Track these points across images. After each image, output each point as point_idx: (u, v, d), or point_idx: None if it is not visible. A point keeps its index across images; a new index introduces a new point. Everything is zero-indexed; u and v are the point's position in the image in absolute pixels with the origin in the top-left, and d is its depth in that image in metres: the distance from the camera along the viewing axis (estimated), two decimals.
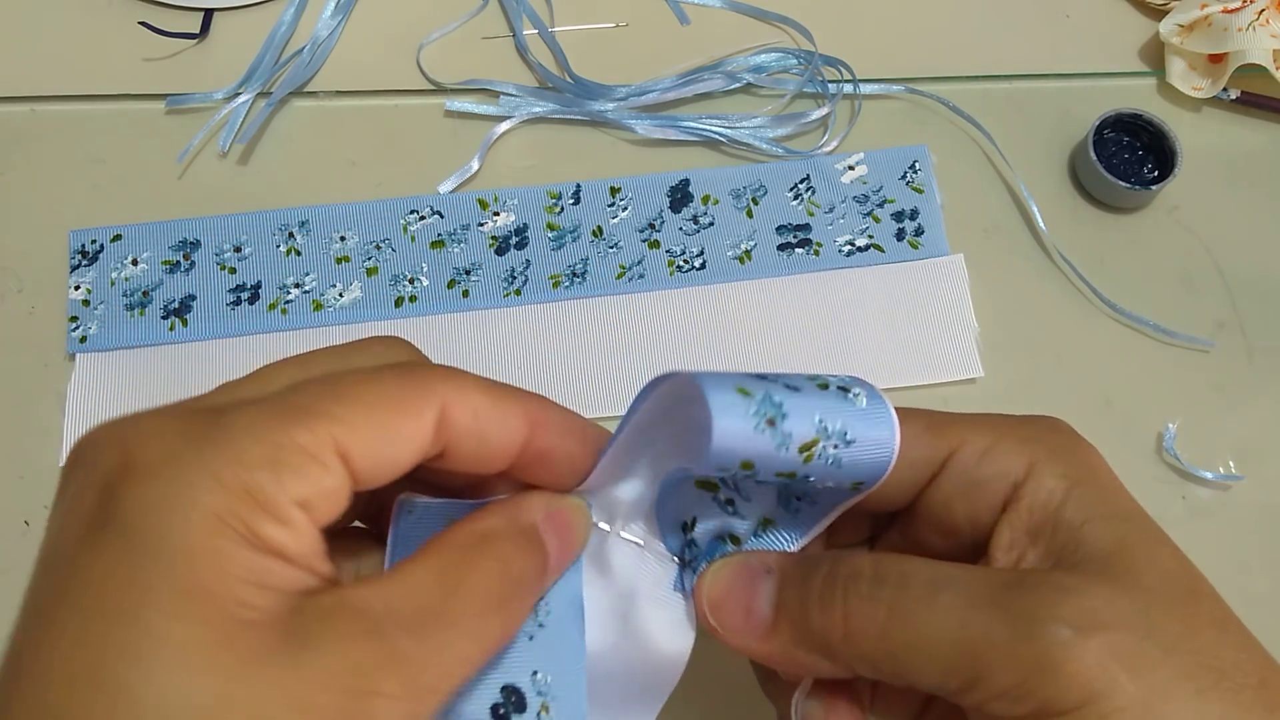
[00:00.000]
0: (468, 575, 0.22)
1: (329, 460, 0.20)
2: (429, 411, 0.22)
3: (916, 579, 0.23)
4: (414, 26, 0.56)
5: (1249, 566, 0.48)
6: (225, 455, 0.19)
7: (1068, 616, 0.21)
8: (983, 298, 0.51)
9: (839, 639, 0.24)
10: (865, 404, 0.24)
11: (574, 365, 0.49)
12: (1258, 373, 0.51)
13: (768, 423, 0.22)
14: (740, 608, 0.25)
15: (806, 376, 0.24)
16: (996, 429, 0.26)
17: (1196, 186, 0.53)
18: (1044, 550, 0.24)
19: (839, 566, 0.24)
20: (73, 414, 0.48)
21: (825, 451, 0.23)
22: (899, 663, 0.23)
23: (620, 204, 0.52)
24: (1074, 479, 0.25)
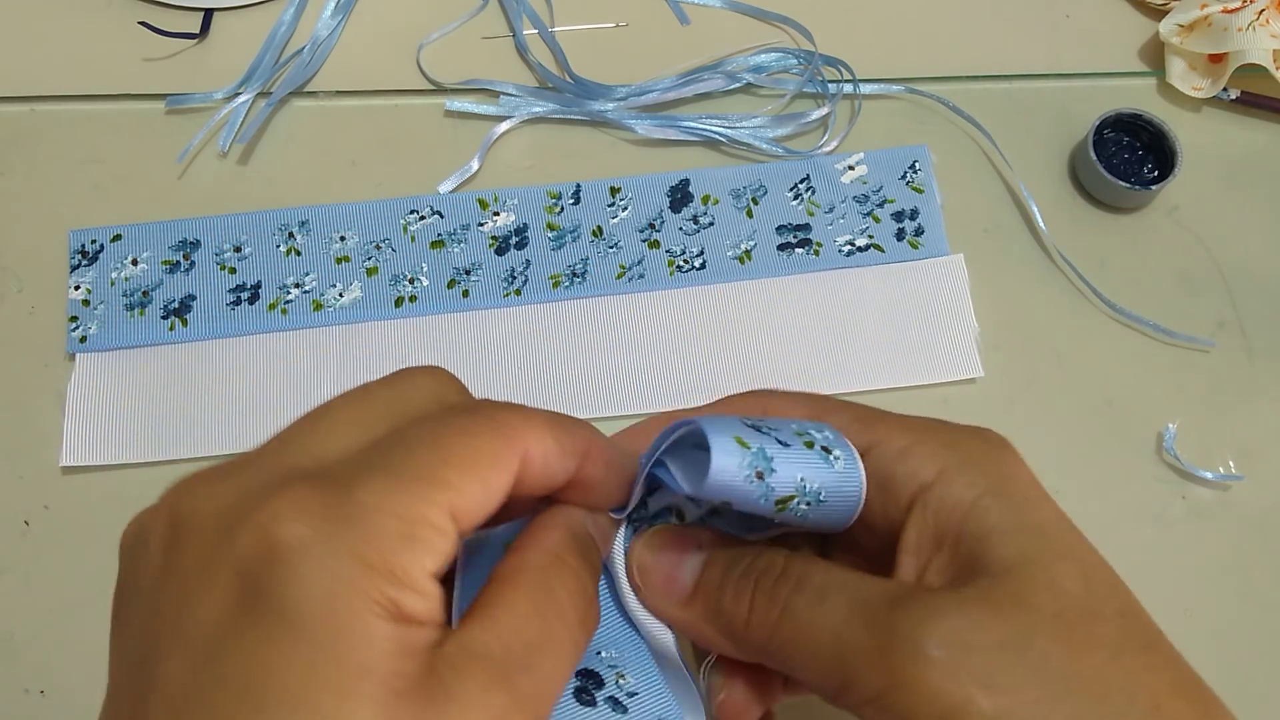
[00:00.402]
0: (556, 598, 0.23)
1: (448, 528, 0.21)
2: (514, 462, 0.23)
3: (811, 582, 0.25)
4: (414, 26, 0.56)
5: (1249, 566, 0.48)
6: (364, 535, 0.20)
7: (933, 635, 0.22)
8: (983, 298, 0.51)
9: (740, 626, 0.25)
10: (842, 467, 0.25)
11: (574, 365, 0.49)
12: (1258, 373, 0.51)
13: (757, 475, 0.24)
14: (663, 573, 0.27)
15: (796, 430, 0.26)
16: (918, 431, 0.27)
17: (1196, 186, 0.53)
18: (948, 558, 0.25)
19: (758, 560, 0.26)
20: (73, 414, 0.48)
21: (798, 508, 0.25)
22: (785, 658, 0.25)
23: (620, 204, 0.52)
24: (982, 489, 0.25)
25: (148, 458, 0.48)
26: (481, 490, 0.22)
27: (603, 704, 0.25)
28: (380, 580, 0.20)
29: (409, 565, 0.20)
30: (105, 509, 0.47)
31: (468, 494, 0.21)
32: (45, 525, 0.47)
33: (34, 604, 0.45)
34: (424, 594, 0.20)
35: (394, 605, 0.20)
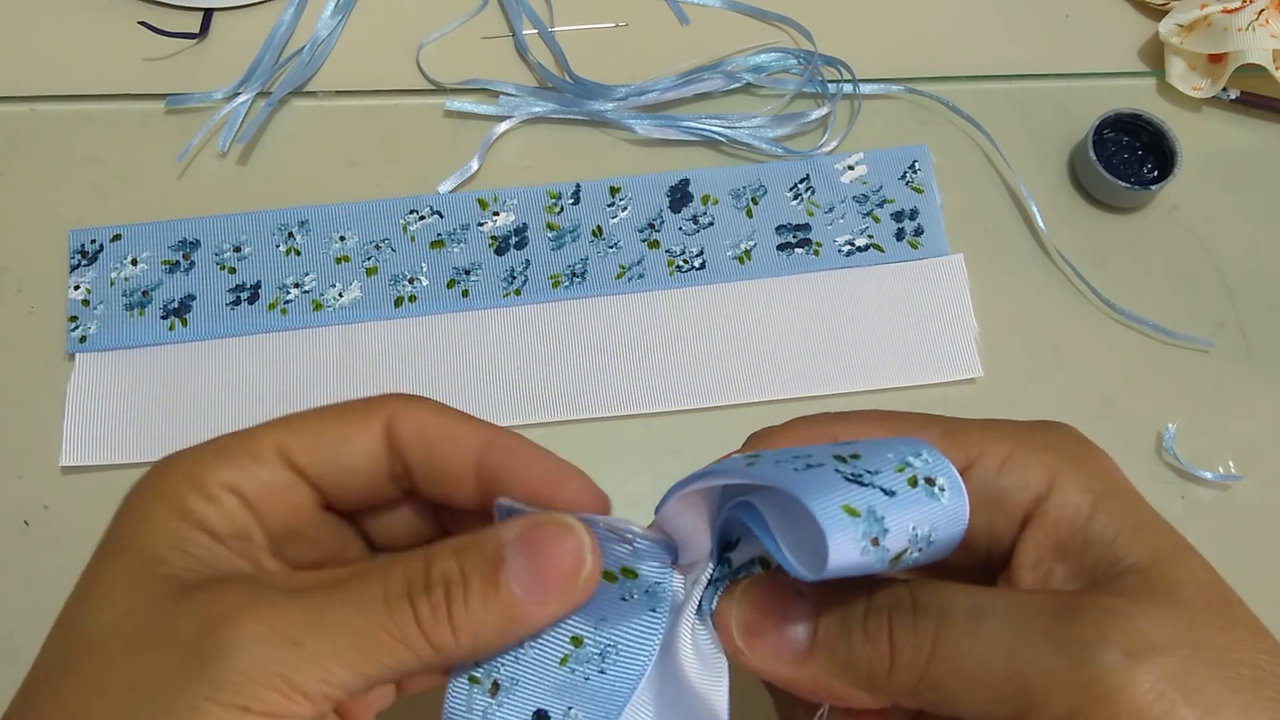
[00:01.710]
0: (370, 575, 0.23)
1: (265, 456, 0.25)
2: (374, 421, 0.25)
3: (958, 608, 0.23)
4: (414, 26, 0.56)
5: (1249, 566, 0.47)
6: (188, 457, 0.25)
7: (1119, 641, 0.21)
8: (982, 298, 0.51)
9: (884, 672, 0.23)
10: (948, 500, 0.23)
11: (574, 365, 0.49)
12: (1257, 373, 0.51)
13: (872, 542, 0.22)
14: (772, 631, 0.24)
15: (894, 466, 0.23)
16: (1012, 438, 0.25)
17: (1196, 186, 0.53)
18: (1073, 567, 0.24)
19: (879, 596, 0.24)
20: (72, 414, 0.48)
21: (909, 557, 0.23)
22: (945, 694, 0.22)
23: (620, 204, 0.52)
24: (1098, 492, 0.24)
25: (147, 458, 0.47)
26: (320, 435, 0.25)
27: None
28: (177, 483, 0.24)
29: (204, 474, 0.24)
30: (105, 509, 0.47)
31: (301, 434, 0.25)
32: (45, 525, 0.47)
33: (34, 604, 0.45)
34: (214, 501, 0.24)
35: (181, 505, 0.24)
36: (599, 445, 0.49)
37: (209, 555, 0.23)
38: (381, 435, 0.25)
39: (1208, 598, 0.22)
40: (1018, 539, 0.25)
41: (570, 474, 0.26)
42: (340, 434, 0.25)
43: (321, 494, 0.26)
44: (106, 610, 0.22)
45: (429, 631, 0.22)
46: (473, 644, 0.23)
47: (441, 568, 0.23)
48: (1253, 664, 0.21)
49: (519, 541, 0.23)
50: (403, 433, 0.25)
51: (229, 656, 0.21)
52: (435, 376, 0.49)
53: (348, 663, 0.22)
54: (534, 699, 0.24)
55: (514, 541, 0.23)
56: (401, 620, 0.22)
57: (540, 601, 0.23)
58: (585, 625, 0.25)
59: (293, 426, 0.25)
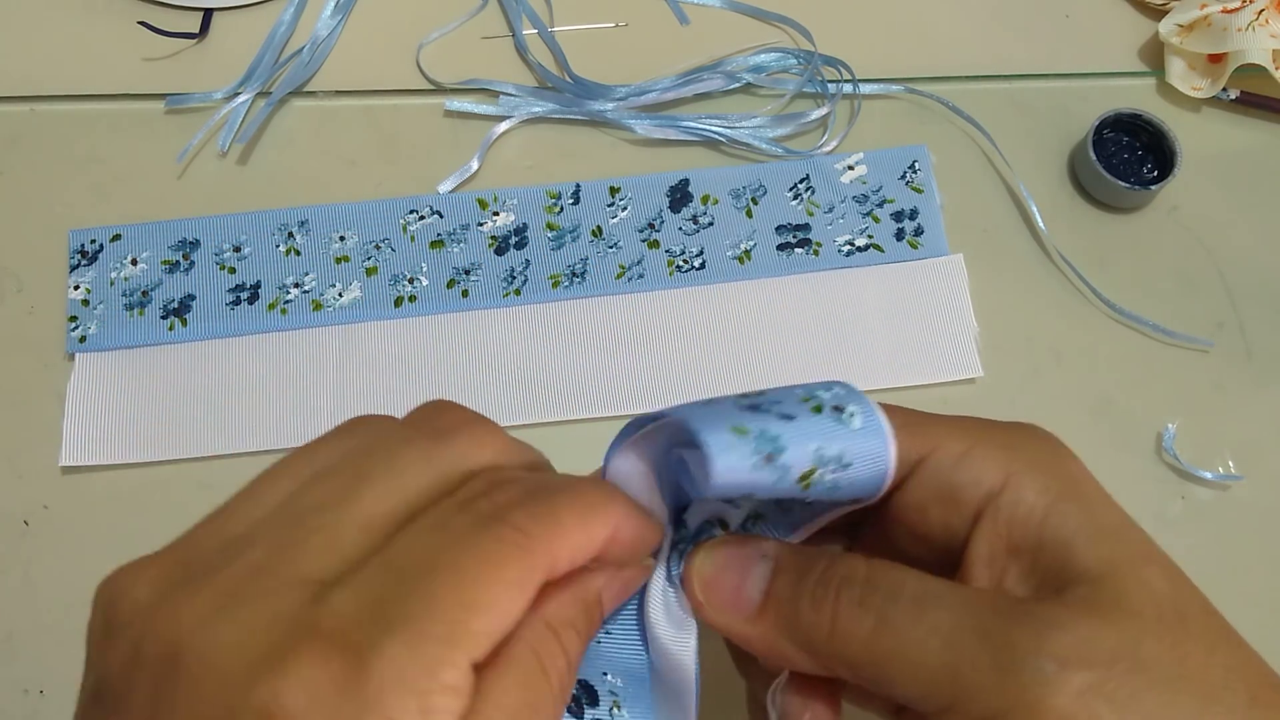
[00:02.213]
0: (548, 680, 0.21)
1: (465, 685, 0.19)
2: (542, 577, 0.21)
3: (906, 591, 0.23)
4: (413, 26, 0.56)
5: (1249, 566, 0.48)
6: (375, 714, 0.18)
7: (1053, 651, 0.21)
8: (982, 298, 0.51)
9: (824, 638, 0.24)
10: (860, 423, 0.24)
11: (574, 365, 0.49)
12: (1257, 373, 0.51)
13: (765, 459, 0.22)
14: (730, 586, 0.25)
15: (799, 398, 0.24)
16: (973, 433, 0.25)
17: (1196, 186, 0.53)
18: (1026, 567, 0.24)
19: (835, 566, 0.24)
20: (72, 414, 0.48)
21: (823, 479, 0.23)
22: (880, 672, 0.23)
23: (620, 204, 0.52)
24: (1056, 493, 0.24)
25: (147, 458, 0.48)
26: (501, 625, 0.20)
27: None
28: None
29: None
30: (105, 509, 0.47)
31: (489, 639, 0.20)
32: (45, 525, 0.47)
33: (34, 604, 0.45)
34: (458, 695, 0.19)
35: None
36: (599, 445, 0.48)
37: None
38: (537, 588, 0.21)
39: (1159, 610, 0.22)
40: (970, 535, 0.25)
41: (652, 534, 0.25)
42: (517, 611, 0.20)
43: None
44: None
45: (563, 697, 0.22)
46: None
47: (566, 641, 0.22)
48: (1202, 678, 0.21)
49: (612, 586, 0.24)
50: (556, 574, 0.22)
51: None
52: (435, 376, 0.49)
53: None
54: None
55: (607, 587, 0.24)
56: None
57: None
58: None
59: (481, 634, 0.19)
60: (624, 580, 0.25)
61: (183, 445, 0.48)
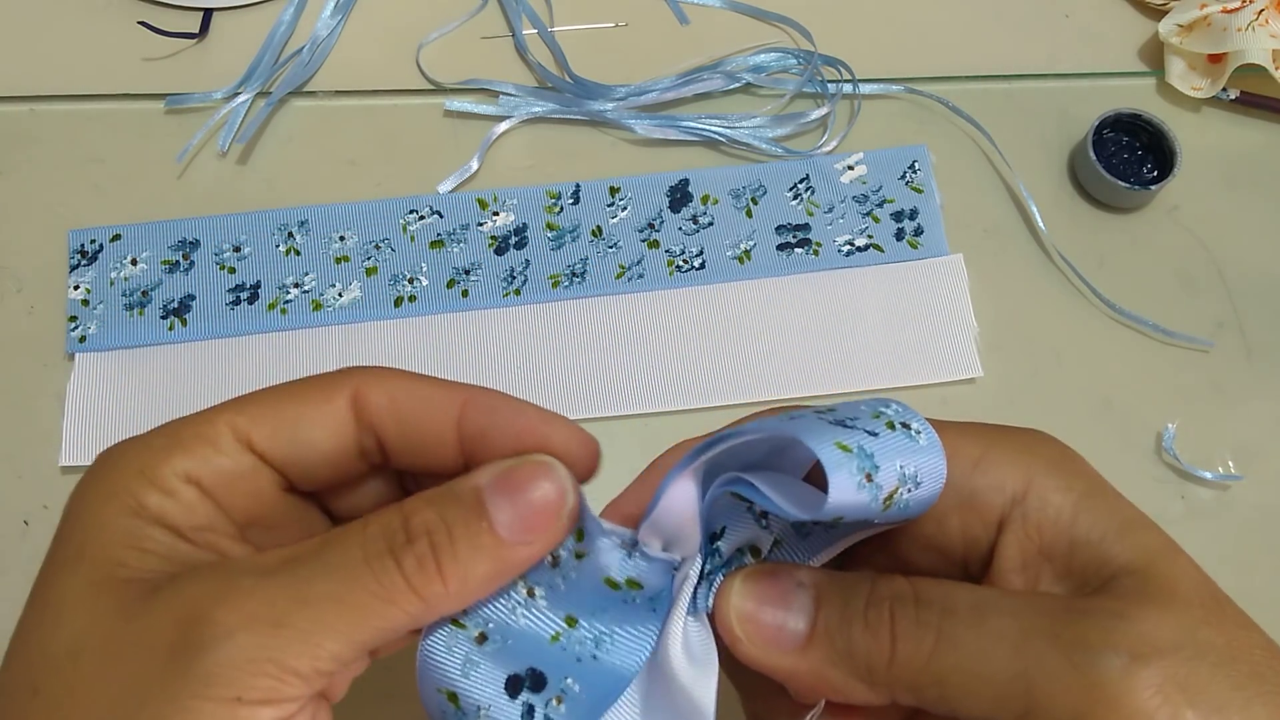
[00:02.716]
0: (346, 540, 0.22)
1: (223, 441, 0.23)
2: (338, 396, 0.24)
3: (961, 604, 0.23)
4: (413, 26, 0.56)
5: (1249, 566, 0.48)
6: (137, 448, 0.23)
7: (1123, 644, 0.21)
8: (982, 298, 0.51)
9: (884, 663, 0.23)
10: (925, 440, 0.23)
11: (573, 365, 0.49)
12: (1257, 373, 0.51)
13: (866, 478, 0.22)
14: (771, 620, 0.24)
15: (870, 414, 0.23)
16: (985, 439, 0.25)
17: (1196, 186, 0.53)
18: (1061, 569, 0.24)
19: (881, 587, 0.23)
20: (72, 414, 0.48)
21: (901, 498, 0.23)
22: (946, 690, 0.22)
23: (620, 204, 0.52)
24: (1080, 491, 0.24)
25: None
26: (279, 416, 0.24)
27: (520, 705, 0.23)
28: (129, 479, 0.22)
29: (160, 467, 0.23)
30: None
31: (260, 417, 0.24)
32: (45, 525, 0.47)
33: None
34: (173, 494, 0.23)
35: (136, 501, 0.22)
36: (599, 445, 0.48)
37: (170, 551, 0.22)
38: (348, 410, 0.24)
39: (1203, 596, 0.22)
40: (996, 543, 0.24)
41: (557, 422, 0.25)
42: (300, 412, 0.24)
43: (284, 476, 0.25)
44: (69, 624, 0.21)
45: (418, 585, 0.22)
46: (461, 591, 0.23)
47: (421, 518, 0.22)
48: (1249, 660, 0.21)
49: (498, 484, 0.23)
50: (372, 405, 0.24)
51: (212, 651, 0.20)
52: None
53: (337, 634, 0.21)
54: (527, 658, 0.24)
55: (492, 484, 0.23)
56: (387, 579, 0.22)
57: (526, 541, 0.23)
58: (581, 609, 0.25)
59: (249, 408, 0.24)
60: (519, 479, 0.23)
61: None
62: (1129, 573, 0.23)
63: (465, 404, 0.24)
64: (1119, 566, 0.23)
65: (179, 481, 0.23)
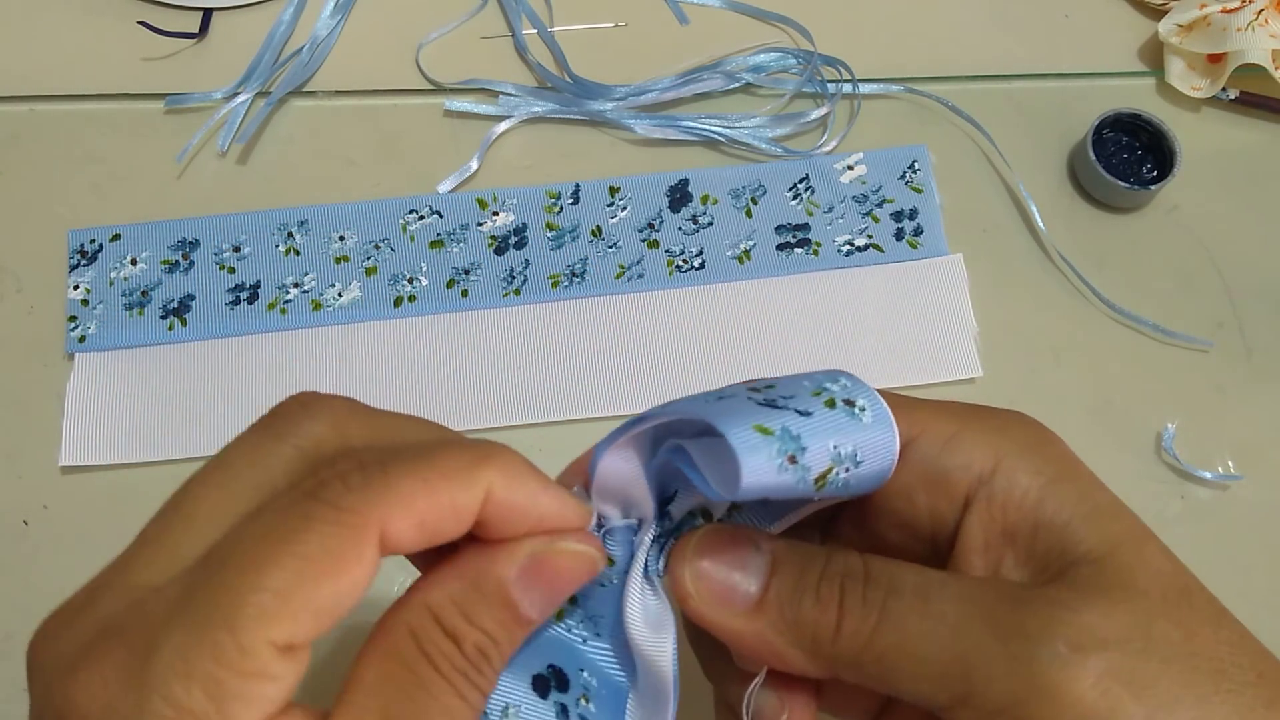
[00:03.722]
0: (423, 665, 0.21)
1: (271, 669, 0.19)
2: (367, 551, 0.20)
3: (907, 584, 0.23)
4: (413, 26, 0.56)
5: (1248, 566, 0.48)
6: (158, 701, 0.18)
7: (1064, 635, 0.21)
8: (982, 298, 0.51)
9: (828, 637, 0.23)
10: (870, 418, 0.23)
11: (573, 365, 0.49)
12: (1257, 372, 0.51)
13: (789, 460, 0.22)
14: (723, 578, 0.24)
15: (810, 391, 0.23)
16: (960, 416, 0.25)
17: (1196, 186, 0.53)
18: (1023, 552, 0.23)
19: (835, 562, 0.24)
20: (72, 414, 0.48)
21: (837, 478, 0.22)
22: (887, 669, 0.22)
23: (619, 204, 0.52)
24: (1050, 475, 0.24)
25: (147, 457, 0.47)
26: (313, 607, 0.19)
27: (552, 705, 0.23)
28: None
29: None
30: (104, 509, 0.47)
31: (296, 619, 0.19)
32: (44, 525, 0.47)
33: (33, 604, 0.45)
34: None
35: None
36: None
37: None
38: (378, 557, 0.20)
39: (1165, 588, 0.22)
40: (961, 522, 0.24)
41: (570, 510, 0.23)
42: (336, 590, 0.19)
43: None
44: None
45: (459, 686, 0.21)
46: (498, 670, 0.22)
47: (454, 625, 0.21)
48: (1212, 655, 0.21)
49: (529, 575, 0.22)
50: (402, 542, 0.20)
51: None
52: (434, 376, 0.49)
53: None
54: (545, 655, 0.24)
55: (522, 578, 0.22)
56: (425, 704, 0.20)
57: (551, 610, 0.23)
58: None
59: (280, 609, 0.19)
60: (555, 569, 0.22)
61: (182, 445, 0.48)
62: (1088, 561, 0.22)
63: (487, 499, 0.22)
64: (1080, 554, 0.23)
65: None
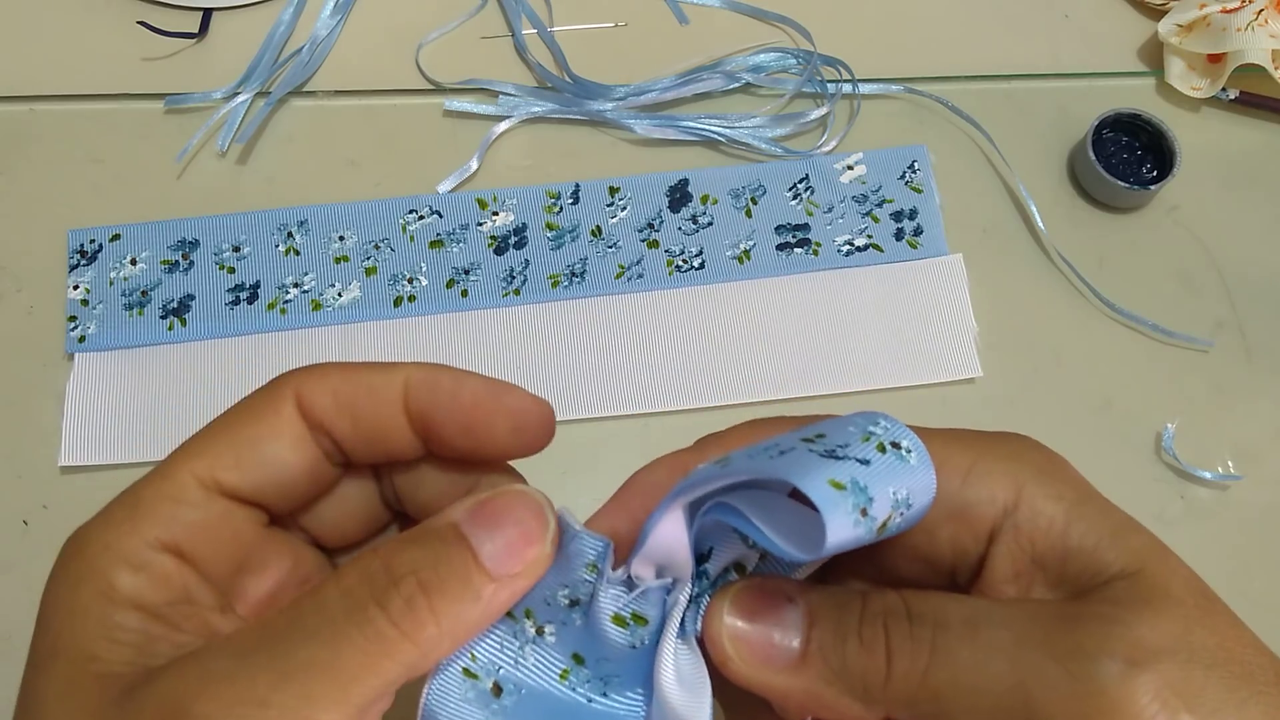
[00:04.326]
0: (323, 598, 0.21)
1: (188, 494, 0.22)
2: (284, 405, 0.23)
3: (954, 617, 0.22)
4: (413, 26, 0.56)
5: (1248, 566, 0.48)
6: (100, 525, 0.22)
7: (1119, 650, 0.21)
8: (981, 298, 0.51)
9: (880, 681, 0.22)
10: (915, 460, 0.23)
11: (573, 365, 0.49)
12: (1256, 373, 0.51)
13: (861, 513, 0.21)
14: (763, 637, 0.23)
15: (859, 437, 0.23)
16: (974, 448, 0.25)
17: (1195, 186, 0.53)
18: (1053, 578, 0.23)
19: (873, 603, 0.23)
20: (71, 414, 0.48)
21: (893, 523, 0.22)
22: (943, 705, 0.22)
23: (619, 204, 0.52)
24: (1070, 499, 0.24)
25: (146, 457, 0.47)
26: (235, 445, 0.23)
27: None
28: (98, 559, 0.21)
29: (126, 540, 0.21)
30: None
31: (215, 454, 0.22)
32: (44, 525, 0.47)
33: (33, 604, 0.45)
34: (141, 566, 0.21)
35: (107, 584, 0.21)
36: (598, 445, 0.49)
37: (144, 640, 0.21)
38: (297, 417, 0.23)
39: (1195, 597, 0.22)
40: (988, 554, 0.24)
41: (504, 391, 0.24)
42: (256, 433, 0.23)
43: (261, 508, 0.24)
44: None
45: (409, 629, 0.21)
46: (454, 630, 0.22)
47: (404, 558, 0.21)
48: (1241, 660, 0.21)
49: (475, 518, 0.22)
50: (316, 406, 0.23)
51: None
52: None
53: (330, 702, 0.20)
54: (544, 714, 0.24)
55: (469, 519, 0.22)
56: (373, 630, 0.20)
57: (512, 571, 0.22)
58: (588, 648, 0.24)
59: (205, 447, 0.23)
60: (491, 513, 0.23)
61: None
62: (1123, 577, 0.22)
63: (406, 386, 0.24)
64: (1111, 572, 0.23)
65: (151, 551, 0.22)
